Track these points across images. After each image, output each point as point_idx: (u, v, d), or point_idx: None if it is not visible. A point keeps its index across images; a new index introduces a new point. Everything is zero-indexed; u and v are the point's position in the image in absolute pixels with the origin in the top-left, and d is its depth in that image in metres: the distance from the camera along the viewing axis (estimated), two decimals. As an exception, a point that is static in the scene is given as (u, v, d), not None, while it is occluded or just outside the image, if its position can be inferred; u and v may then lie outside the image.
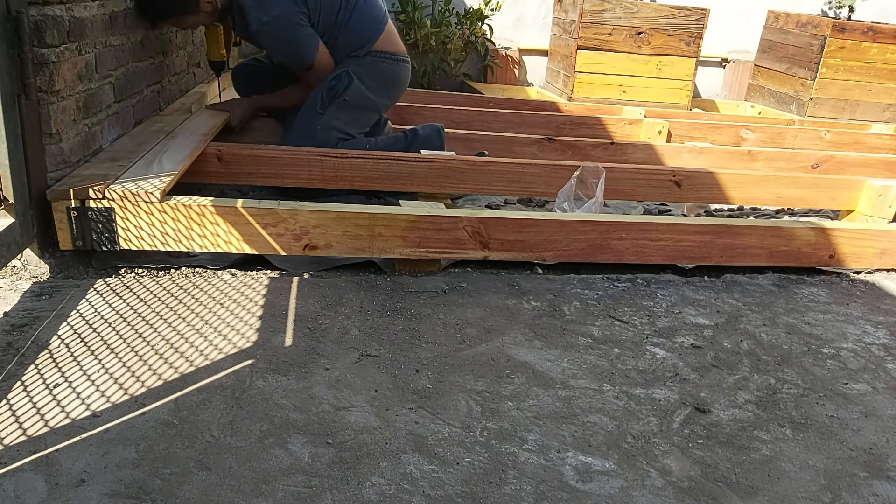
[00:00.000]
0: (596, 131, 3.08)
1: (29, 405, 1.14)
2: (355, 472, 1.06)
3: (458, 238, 1.73)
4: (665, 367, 1.44)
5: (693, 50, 3.86)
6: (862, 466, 1.19)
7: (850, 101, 3.95)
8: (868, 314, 1.76)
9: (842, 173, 2.74)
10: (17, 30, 1.38)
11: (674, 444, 1.20)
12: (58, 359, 1.27)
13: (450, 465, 1.09)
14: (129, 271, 1.64)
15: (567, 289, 1.75)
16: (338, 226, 1.66)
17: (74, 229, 1.55)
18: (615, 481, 1.10)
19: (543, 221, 1.77)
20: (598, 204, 2.11)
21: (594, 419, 1.25)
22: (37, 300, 1.47)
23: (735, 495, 1.09)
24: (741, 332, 1.61)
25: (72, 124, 1.64)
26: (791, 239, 1.91)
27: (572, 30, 3.84)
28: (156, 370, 1.27)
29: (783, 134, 3.30)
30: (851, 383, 1.44)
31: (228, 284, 1.62)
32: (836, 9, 4.28)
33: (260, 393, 1.23)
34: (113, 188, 1.54)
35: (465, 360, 1.39)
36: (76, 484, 0.98)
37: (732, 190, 2.33)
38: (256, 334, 1.41)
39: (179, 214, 1.58)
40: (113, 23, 1.84)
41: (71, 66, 1.60)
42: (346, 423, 1.17)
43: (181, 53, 2.53)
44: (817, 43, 3.84)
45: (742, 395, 1.37)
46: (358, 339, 1.43)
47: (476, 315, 1.57)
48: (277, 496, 1.00)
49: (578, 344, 1.50)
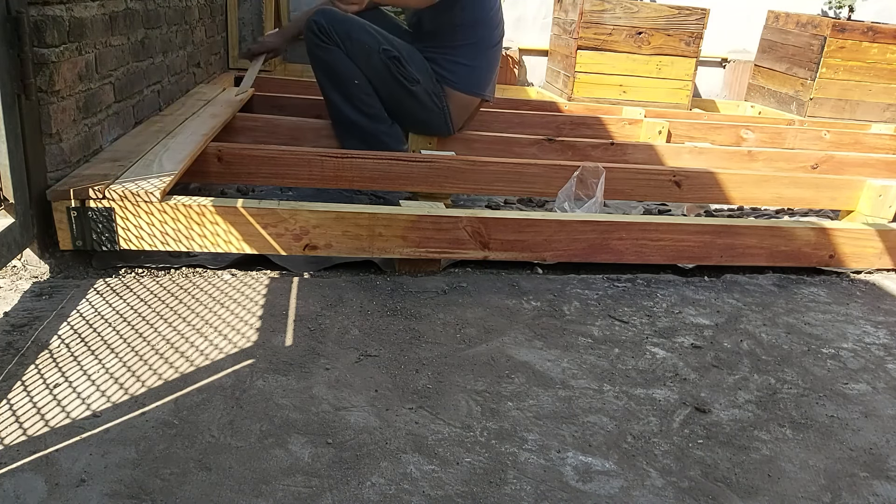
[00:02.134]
0: (596, 131, 3.08)
1: (29, 405, 1.14)
2: (355, 472, 1.06)
3: (458, 238, 1.73)
4: (665, 367, 1.44)
5: (693, 50, 3.86)
6: (862, 466, 1.19)
7: (850, 101, 3.95)
8: (868, 314, 1.76)
9: (842, 173, 2.74)
10: (17, 30, 1.38)
11: (674, 444, 1.20)
12: (58, 359, 1.27)
13: (450, 465, 1.09)
14: (129, 271, 1.65)
15: (567, 289, 1.75)
16: (338, 226, 1.66)
17: (74, 229, 1.55)
18: (615, 481, 1.10)
19: (543, 221, 1.78)
20: (598, 204, 2.11)
21: (594, 419, 1.25)
22: (37, 300, 1.47)
23: (735, 495, 1.09)
24: (741, 332, 1.61)
25: (72, 124, 1.64)
26: (791, 239, 1.91)
27: (572, 30, 3.84)
28: (156, 370, 1.27)
29: (783, 134, 3.30)
30: (851, 383, 1.44)
31: (229, 284, 1.62)
32: (836, 9, 4.28)
33: (260, 393, 1.23)
34: (113, 188, 1.54)
35: (465, 360, 1.39)
36: (76, 484, 0.98)
37: (732, 190, 2.33)
38: (256, 334, 1.41)
39: (179, 214, 1.58)
40: (113, 23, 1.84)
41: (71, 66, 1.60)
42: (346, 423, 1.17)
43: (181, 53, 2.53)
44: (817, 43, 3.84)
45: (742, 395, 1.37)
46: (358, 339, 1.43)
47: (476, 315, 1.57)
48: (277, 496, 1.00)
49: (578, 344, 1.50)
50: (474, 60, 2.34)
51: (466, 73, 2.33)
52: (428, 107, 2.33)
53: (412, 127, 2.45)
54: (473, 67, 2.34)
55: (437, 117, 2.37)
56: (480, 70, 2.36)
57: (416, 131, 2.48)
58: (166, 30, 2.31)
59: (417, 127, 2.45)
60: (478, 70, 2.35)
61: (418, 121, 2.40)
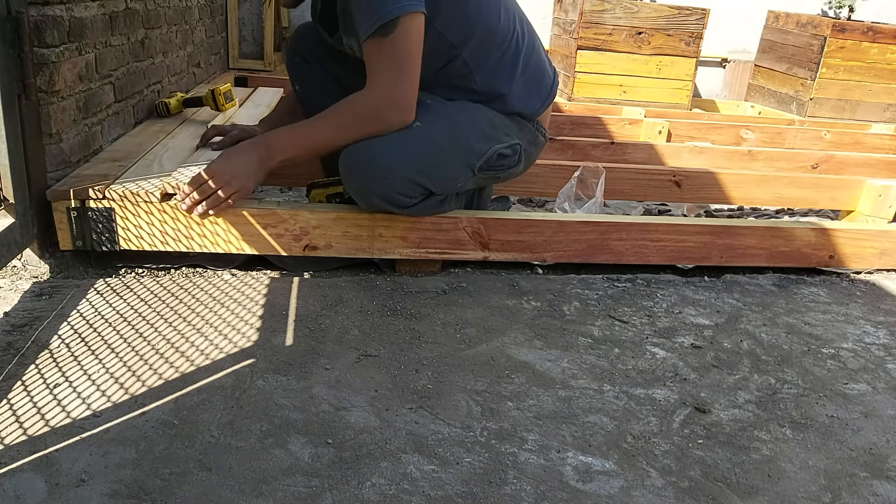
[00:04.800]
0: (596, 131, 3.08)
1: (29, 405, 1.14)
2: (355, 472, 1.06)
3: (458, 238, 1.73)
4: (665, 367, 1.44)
5: (693, 50, 3.86)
6: (862, 466, 1.19)
7: (850, 101, 3.95)
8: (868, 314, 1.76)
9: (842, 173, 2.74)
10: (17, 30, 1.38)
11: (674, 444, 1.20)
12: (58, 359, 1.27)
13: (450, 465, 1.09)
14: (129, 271, 1.65)
15: (567, 289, 1.75)
16: (338, 226, 1.66)
17: (74, 229, 1.55)
18: (615, 481, 1.10)
19: (543, 222, 1.77)
20: (598, 204, 2.11)
21: (594, 419, 1.25)
22: (37, 300, 1.47)
23: (735, 495, 1.09)
24: (741, 333, 1.61)
25: (72, 124, 1.64)
26: (791, 239, 1.91)
27: (572, 30, 3.84)
28: (156, 370, 1.27)
29: (783, 134, 3.30)
30: (851, 383, 1.44)
31: (229, 284, 1.62)
32: (836, 9, 4.28)
33: (260, 393, 1.23)
34: (113, 188, 1.54)
35: (465, 360, 1.39)
36: (76, 484, 0.98)
37: (732, 190, 2.33)
38: (257, 334, 1.41)
39: (179, 214, 1.58)
40: (113, 23, 1.84)
41: (71, 66, 1.60)
42: (346, 423, 1.17)
43: (181, 53, 2.53)
44: (817, 43, 3.84)
45: (742, 395, 1.37)
46: (358, 339, 1.43)
47: (476, 315, 1.57)
48: (277, 496, 1.00)
49: (578, 344, 1.50)
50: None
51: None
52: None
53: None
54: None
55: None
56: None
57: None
58: (166, 30, 2.31)
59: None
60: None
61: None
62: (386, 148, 1.50)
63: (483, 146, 1.60)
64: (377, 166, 1.50)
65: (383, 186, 1.52)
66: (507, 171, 1.71)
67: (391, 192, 1.53)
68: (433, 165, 1.55)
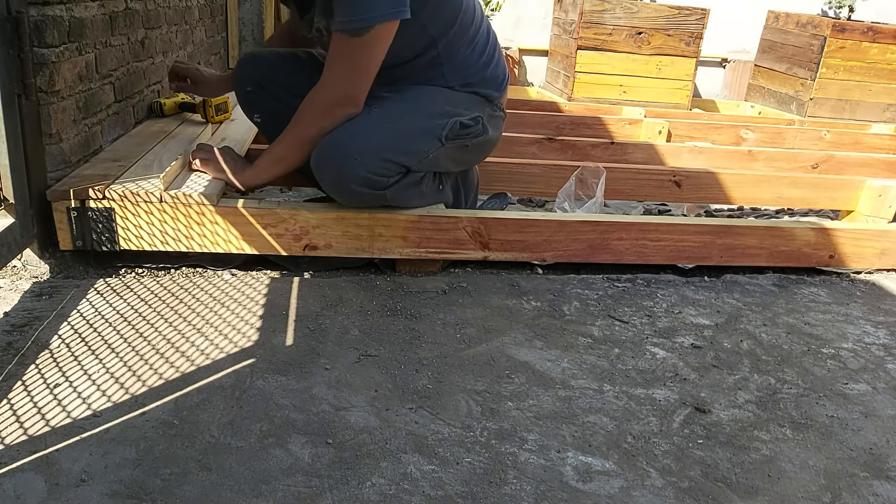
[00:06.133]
0: (596, 131, 3.08)
1: (29, 405, 1.14)
2: (355, 472, 1.06)
3: (458, 238, 1.73)
4: (665, 367, 1.44)
5: (693, 50, 3.87)
6: (862, 466, 1.19)
7: (850, 101, 3.95)
8: (868, 314, 1.76)
9: (842, 173, 2.74)
10: (17, 30, 1.38)
11: (674, 444, 1.20)
12: (58, 359, 1.27)
13: (450, 465, 1.09)
14: (129, 271, 1.65)
15: (567, 289, 1.75)
16: (338, 226, 1.66)
17: (74, 229, 1.55)
18: (615, 481, 1.10)
19: (543, 221, 1.78)
20: (598, 204, 2.11)
21: (594, 419, 1.25)
22: (37, 300, 1.47)
23: (735, 495, 1.09)
24: (741, 332, 1.61)
25: (72, 124, 1.64)
26: (791, 239, 1.91)
27: (572, 30, 3.84)
28: (156, 370, 1.27)
29: (783, 134, 3.30)
30: (851, 383, 1.44)
31: (229, 284, 1.62)
32: (836, 9, 4.28)
33: (260, 393, 1.23)
34: (113, 188, 1.54)
35: (465, 360, 1.39)
36: (76, 484, 0.98)
37: (732, 190, 2.33)
38: (257, 334, 1.41)
39: (179, 214, 1.58)
40: (113, 23, 1.84)
41: (71, 66, 1.60)
42: (346, 423, 1.17)
43: (181, 53, 2.53)
44: (817, 43, 3.84)
45: (742, 395, 1.37)
46: (358, 339, 1.43)
47: (476, 315, 1.57)
48: (277, 496, 1.00)
49: (578, 344, 1.50)
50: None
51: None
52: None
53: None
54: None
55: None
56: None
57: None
58: (166, 30, 2.31)
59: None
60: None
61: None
62: (349, 134, 1.54)
63: (444, 119, 1.63)
64: (344, 152, 1.53)
65: (356, 168, 1.53)
66: (474, 140, 1.71)
67: (364, 171, 1.54)
68: (399, 139, 1.58)
